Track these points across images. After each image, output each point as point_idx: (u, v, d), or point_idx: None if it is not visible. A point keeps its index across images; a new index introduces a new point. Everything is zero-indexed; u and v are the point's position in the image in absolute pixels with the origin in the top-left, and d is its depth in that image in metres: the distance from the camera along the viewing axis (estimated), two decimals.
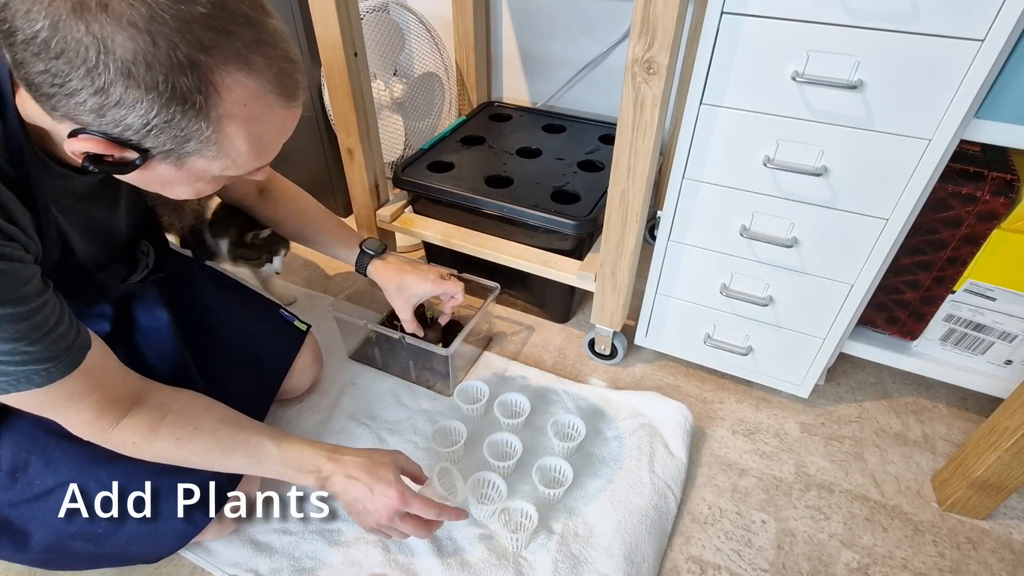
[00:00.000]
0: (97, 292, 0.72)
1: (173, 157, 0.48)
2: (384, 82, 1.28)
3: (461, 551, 0.81)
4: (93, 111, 0.43)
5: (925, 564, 0.83)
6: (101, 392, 0.59)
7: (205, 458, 0.68)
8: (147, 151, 0.47)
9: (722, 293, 0.93)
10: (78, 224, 0.62)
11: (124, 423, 0.62)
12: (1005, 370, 0.90)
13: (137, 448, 0.64)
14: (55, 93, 0.42)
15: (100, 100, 0.42)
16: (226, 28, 0.43)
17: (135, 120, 0.43)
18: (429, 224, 1.16)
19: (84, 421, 0.60)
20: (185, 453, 0.66)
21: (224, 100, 0.45)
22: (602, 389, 1.06)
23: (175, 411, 0.66)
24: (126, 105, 0.42)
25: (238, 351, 0.89)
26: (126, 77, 0.41)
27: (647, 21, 0.71)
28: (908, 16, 0.63)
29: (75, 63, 0.40)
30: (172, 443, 0.65)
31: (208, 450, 0.67)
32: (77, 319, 0.57)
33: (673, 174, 0.86)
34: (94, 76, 0.41)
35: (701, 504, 0.90)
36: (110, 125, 0.44)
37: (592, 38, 1.32)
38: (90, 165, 0.47)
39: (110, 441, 0.62)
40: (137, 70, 0.41)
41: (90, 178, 0.60)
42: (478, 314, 1.03)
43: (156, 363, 0.79)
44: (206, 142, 0.47)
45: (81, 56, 0.40)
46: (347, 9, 0.94)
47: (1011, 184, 0.77)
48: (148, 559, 0.75)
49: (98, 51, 0.40)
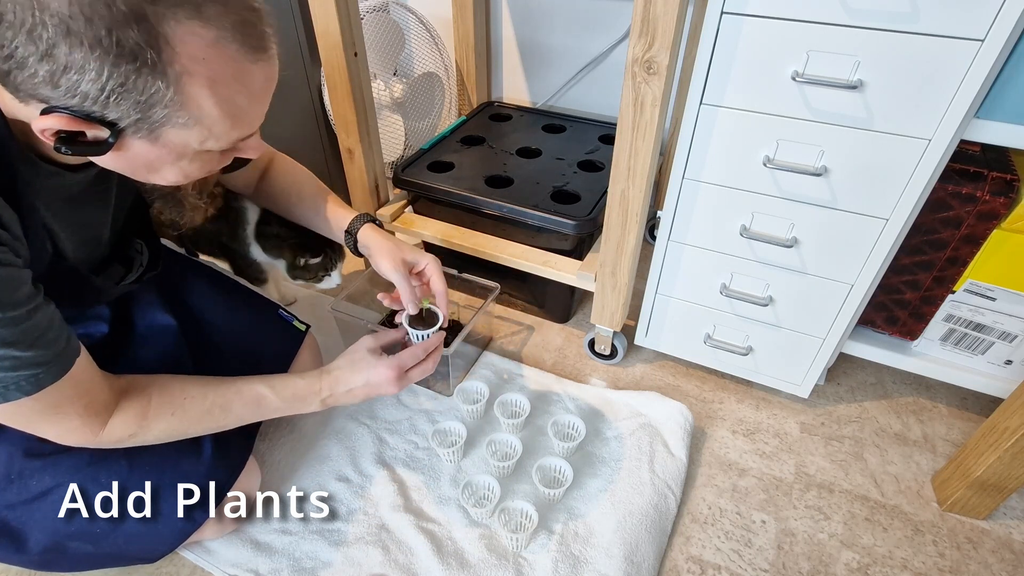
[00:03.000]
0: (92, 295, 0.72)
1: (145, 130, 0.46)
2: (384, 82, 1.28)
3: (461, 551, 0.81)
4: (47, 81, 0.41)
5: (925, 564, 0.83)
6: (88, 397, 0.59)
7: (206, 420, 0.68)
8: (115, 124, 0.45)
9: (722, 293, 0.93)
10: (68, 226, 0.61)
11: (113, 422, 0.62)
12: (1005, 370, 0.90)
13: (136, 438, 0.64)
14: (10, 69, 0.41)
15: (49, 67, 0.40)
16: None
17: (90, 87, 0.41)
18: (429, 224, 1.16)
19: (72, 428, 0.59)
20: (186, 423, 0.67)
21: (179, 54, 0.42)
22: (602, 389, 1.06)
23: (157, 391, 0.66)
24: (75, 68, 0.40)
25: (237, 351, 0.88)
26: (66, 34, 0.39)
27: (647, 21, 0.71)
28: (908, 16, 0.63)
29: (16, 27, 0.39)
30: (169, 418, 0.65)
31: (207, 412, 0.68)
32: (67, 325, 0.57)
33: (673, 174, 0.86)
34: (35, 38, 0.39)
35: (701, 504, 0.90)
36: (68, 96, 0.42)
37: (592, 38, 1.32)
38: (63, 147, 0.45)
39: (102, 442, 0.62)
40: (76, 25, 0.39)
41: (82, 176, 0.58)
42: (477, 314, 1.03)
43: (156, 365, 0.78)
44: (171, 105, 0.44)
45: (20, 18, 0.38)
46: (347, 9, 0.94)
47: (1011, 184, 0.77)
48: (147, 558, 0.75)
49: (32, 8, 0.38)
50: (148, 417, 0.64)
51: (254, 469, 0.83)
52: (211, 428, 0.70)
